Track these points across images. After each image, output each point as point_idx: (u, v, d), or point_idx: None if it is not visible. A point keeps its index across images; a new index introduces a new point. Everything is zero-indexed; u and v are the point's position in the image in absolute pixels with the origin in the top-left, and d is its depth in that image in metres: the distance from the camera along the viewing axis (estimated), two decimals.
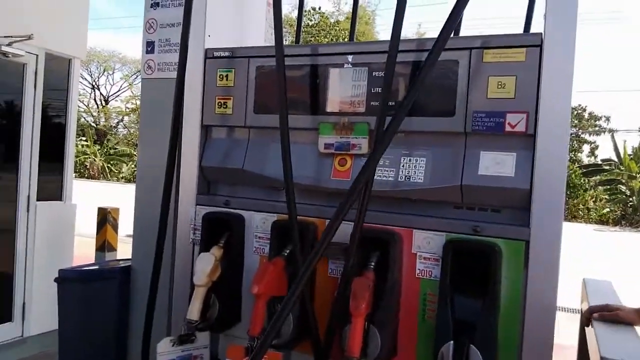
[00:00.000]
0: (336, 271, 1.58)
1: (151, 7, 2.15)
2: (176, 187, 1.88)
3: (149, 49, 2.14)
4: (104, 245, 4.80)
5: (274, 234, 1.67)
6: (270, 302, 1.52)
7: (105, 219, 4.81)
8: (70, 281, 2.17)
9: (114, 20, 50.39)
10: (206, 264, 1.63)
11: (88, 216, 5.41)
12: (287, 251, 1.59)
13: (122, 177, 27.63)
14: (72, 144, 4.07)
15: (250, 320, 1.50)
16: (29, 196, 3.74)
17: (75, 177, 8.24)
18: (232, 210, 1.78)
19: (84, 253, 4.76)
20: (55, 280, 2.17)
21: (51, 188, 3.90)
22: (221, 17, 1.93)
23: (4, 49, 3.46)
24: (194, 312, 1.61)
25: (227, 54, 1.82)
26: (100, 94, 33.93)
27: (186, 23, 1.78)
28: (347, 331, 1.37)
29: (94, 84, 33.43)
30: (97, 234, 4.76)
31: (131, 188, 2.50)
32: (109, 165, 27.90)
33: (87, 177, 26.88)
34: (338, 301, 1.45)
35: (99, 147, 28.57)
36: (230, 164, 1.81)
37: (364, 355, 1.37)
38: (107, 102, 34.09)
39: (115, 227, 4.82)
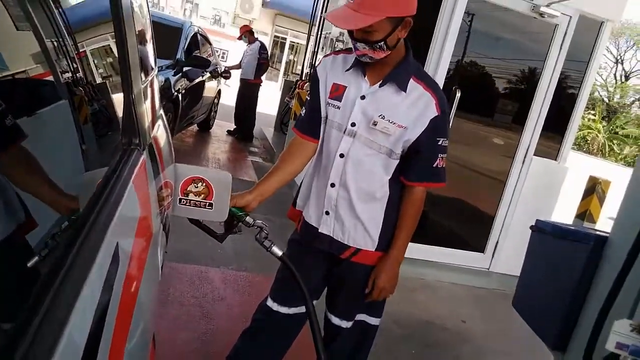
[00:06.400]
0: None
1: None
2: None
3: None
4: (584, 214, 4.53)
5: None
6: None
7: (594, 188, 4.52)
8: (544, 232, 2.23)
9: None
10: None
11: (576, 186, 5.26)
12: None
13: (621, 159, 25.73)
14: (579, 112, 4.22)
15: None
16: (527, 150, 4.11)
17: (573, 149, 8.52)
18: None
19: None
20: (531, 227, 2.28)
21: (548, 148, 4.22)
22: None
23: (542, 9, 3.67)
24: None
25: None
26: (623, 69, 30.51)
27: None
28: None
29: (618, 57, 29.85)
30: (580, 201, 4.57)
31: (627, 172, 2.44)
32: (610, 143, 25.95)
33: (585, 152, 25.71)
34: None
35: (605, 124, 27.01)
36: None
37: None
38: (627, 78, 30.97)
39: (601, 200, 4.51)
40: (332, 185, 1.64)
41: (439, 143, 1.57)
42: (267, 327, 1.80)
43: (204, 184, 1.51)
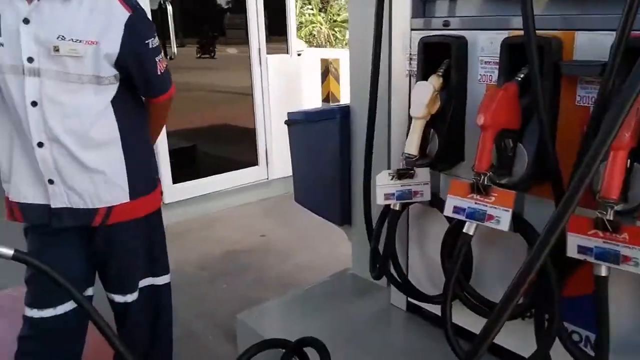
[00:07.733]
0: (587, 99, 1.29)
1: None
2: (389, 17, 1.73)
3: None
4: (328, 96, 4.80)
5: (504, 54, 1.38)
6: (499, 135, 1.30)
7: (327, 69, 4.78)
8: (298, 123, 2.33)
9: None
10: (423, 94, 1.48)
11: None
12: (522, 75, 1.31)
13: (346, 44, 21.28)
14: (291, 9, 4.31)
15: (476, 155, 1.31)
16: (259, 51, 4.09)
17: (305, 44, 9.56)
18: (452, 32, 1.55)
19: None
20: (286, 122, 2.36)
21: (279, 48, 4.28)
22: None
23: None
24: (411, 146, 1.52)
25: None
26: None
27: None
28: (602, 168, 1.10)
29: None
30: (321, 85, 4.83)
31: None
32: (333, 32, 26.38)
33: (315, 45, 26.10)
34: (589, 136, 1.14)
35: (324, 15, 27.38)
36: None
37: (623, 200, 1.13)
38: None
39: (337, 78, 4.80)
40: (40, 145, 1.28)
41: (150, 46, 1.36)
42: (37, 341, 1.44)
43: None
